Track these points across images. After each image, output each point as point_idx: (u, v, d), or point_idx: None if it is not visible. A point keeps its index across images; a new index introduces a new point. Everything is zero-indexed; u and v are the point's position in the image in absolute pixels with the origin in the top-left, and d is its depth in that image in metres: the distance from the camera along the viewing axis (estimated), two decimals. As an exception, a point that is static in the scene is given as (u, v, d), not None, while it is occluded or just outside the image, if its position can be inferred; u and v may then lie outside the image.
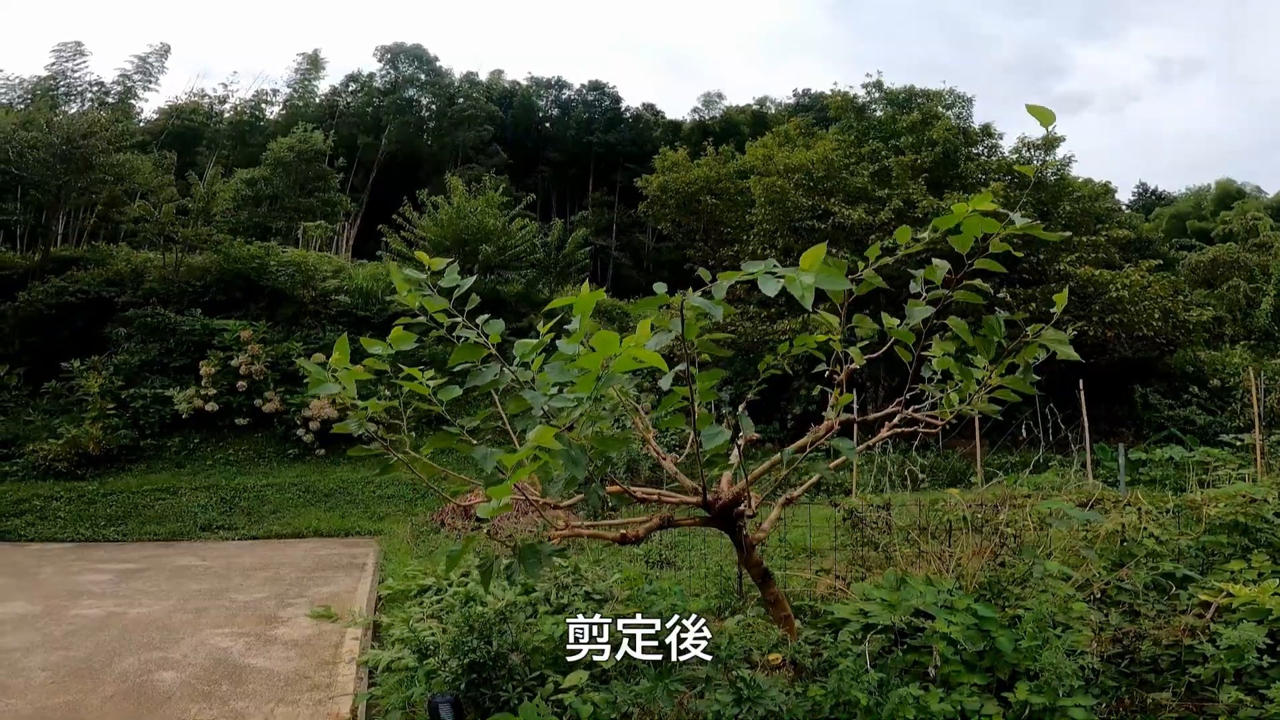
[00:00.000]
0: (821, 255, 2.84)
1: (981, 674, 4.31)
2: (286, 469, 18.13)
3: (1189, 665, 4.75)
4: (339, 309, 20.83)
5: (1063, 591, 4.88)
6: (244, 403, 18.88)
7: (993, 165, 18.44)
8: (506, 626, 4.93)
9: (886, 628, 5.17)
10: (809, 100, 43.51)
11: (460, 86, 43.10)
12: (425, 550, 10.66)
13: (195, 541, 14.09)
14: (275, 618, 8.01)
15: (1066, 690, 4.05)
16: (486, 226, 19.33)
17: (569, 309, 3.41)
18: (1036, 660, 4.23)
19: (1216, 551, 5.90)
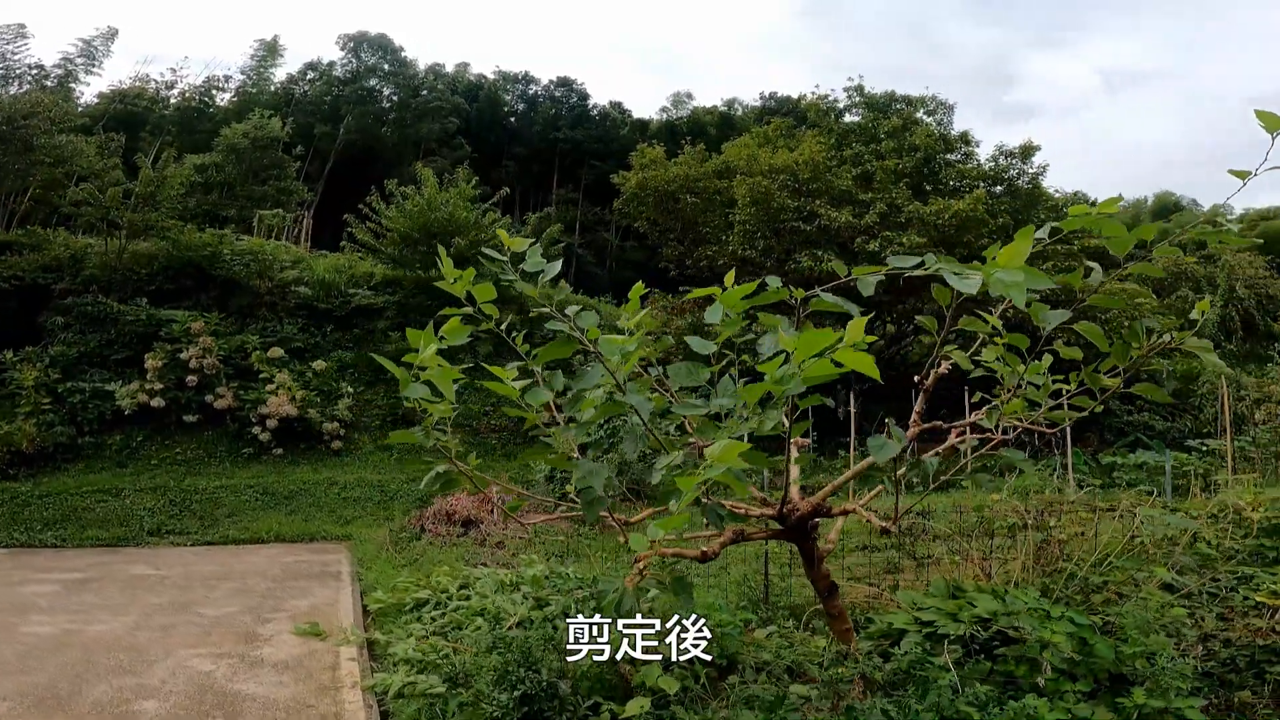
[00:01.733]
0: (1025, 251, 2.49)
1: (1084, 681, 4.09)
2: (241, 469, 17.12)
3: (1264, 665, 4.65)
4: (298, 301, 19.84)
5: (1158, 598, 4.68)
6: (194, 399, 17.76)
7: (970, 171, 18.61)
8: (550, 649, 4.45)
9: (944, 636, 4.90)
10: (775, 103, 43.68)
11: (425, 78, 42.00)
12: (408, 558, 10.05)
13: (144, 547, 13.14)
14: (255, 635, 7.34)
15: (1177, 693, 3.88)
16: (458, 219, 18.64)
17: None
18: (1136, 665, 4.08)
19: (1261, 555, 5.82)
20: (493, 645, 4.54)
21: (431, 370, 3.14)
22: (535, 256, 3.50)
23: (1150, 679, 3.99)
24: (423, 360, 3.08)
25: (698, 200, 19.31)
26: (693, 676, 4.66)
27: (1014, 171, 18.46)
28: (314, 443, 17.75)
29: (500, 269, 3.51)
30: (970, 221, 15.85)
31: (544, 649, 4.35)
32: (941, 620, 5.01)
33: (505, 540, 9.89)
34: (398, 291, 20.36)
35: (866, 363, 2.37)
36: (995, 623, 4.72)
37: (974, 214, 15.87)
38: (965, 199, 16.18)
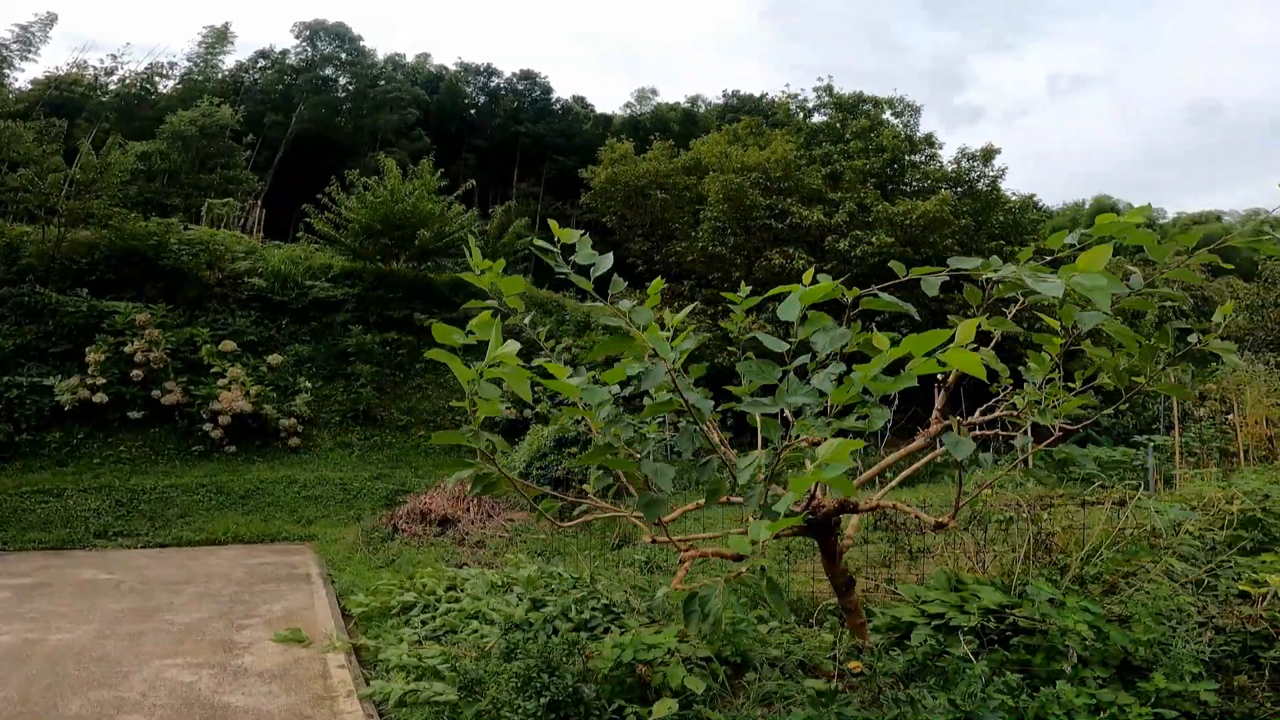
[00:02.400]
0: (1106, 257, 2.50)
1: (1102, 668, 4.20)
2: (192, 468, 16.46)
3: (1256, 650, 4.84)
4: (252, 292, 19.15)
5: (1165, 586, 4.82)
6: (139, 394, 16.99)
7: (934, 173, 19.00)
8: (574, 653, 4.35)
9: (956, 628, 4.98)
10: (739, 101, 43.92)
11: (384, 68, 41.01)
12: (384, 559, 9.77)
13: (92, 550, 12.52)
14: (231, 643, 7.04)
15: (1192, 677, 4.03)
16: (423, 211, 18.21)
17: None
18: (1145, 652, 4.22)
19: (1236, 545, 6.05)
20: (509, 651, 4.41)
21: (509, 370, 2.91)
22: (586, 249, 3.38)
23: (1165, 665, 4.12)
24: (497, 356, 2.87)
25: (667, 196, 19.30)
26: (711, 675, 4.62)
27: (975, 174, 18.93)
28: (270, 440, 17.19)
29: (554, 260, 3.38)
30: (936, 222, 16.20)
31: (567, 653, 4.25)
32: (951, 613, 5.08)
33: (485, 539, 9.70)
34: (358, 284, 19.84)
35: (974, 362, 2.34)
36: (1009, 614, 4.81)
37: (940, 215, 16.22)
38: (931, 200, 16.53)
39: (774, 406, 2.85)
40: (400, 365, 18.86)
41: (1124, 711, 3.88)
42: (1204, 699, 3.99)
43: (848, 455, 2.28)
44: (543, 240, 3.48)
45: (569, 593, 6.34)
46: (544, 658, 4.20)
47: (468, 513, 10.31)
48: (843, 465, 2.26)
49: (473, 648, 5.65)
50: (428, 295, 20.26)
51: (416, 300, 19.87)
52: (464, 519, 10.18)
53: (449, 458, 16.81)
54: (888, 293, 3.33)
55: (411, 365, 18.95)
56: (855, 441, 2.33)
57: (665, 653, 4.42)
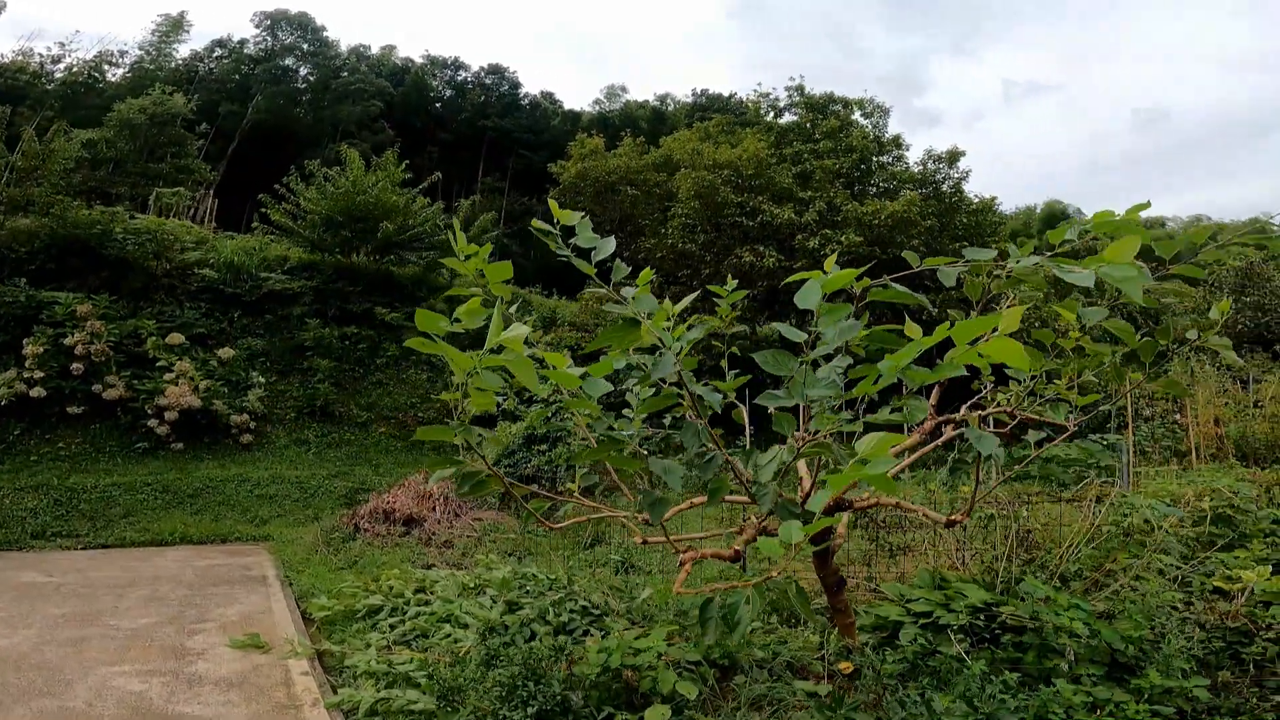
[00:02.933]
0: (1135, 248, 2.41)
1: (1095, 665, 4.18)
2: (136, 466, 15.76)
3: (1236, 646, 4.89)
4: (201, 284, 18.44)
5: (1154, 583, 4.83)
6: (80, 388, 16.21)
7: (901, 174, 19.21)
8: (559, 659, 4.16)
9: (944, 627, 4.94)
10: (707, 100, 44.00)
11: (347, 60, 40.11)
12: (345, 560, 9.42)
13: (29, 552, 11.89)
14: (183, 649, 6.67)
15: (1183, 674, 4.04)
16: (386, 202, 17.73)
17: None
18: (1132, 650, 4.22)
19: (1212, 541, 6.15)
20: (489, 657, 4.20)
21: (509, 354, 2.65)
22: (586, 231, 3.19)
23: (1157, 662, 4.12)
24: (502, 341, 2.60)
25: (637, 192, 19.17)
26: (700, 679, 4.48)
27: (940, 176, 19.19)
28: (220, 436, 16.56)
29: (554, 243, 3.19)
30: (903, 222, 16.36)
31: (553, 659, 4.06)
32: (938, 611, 5.03)
33: (453, 539, 9.42)
34: (316, 276, 19.25)
35: (1016, 353, 2.23)
36: (996, 612, 4.77)
37: (907, 215, 16.38)
38: (899, 200, 16.71)
39: (790, 400, 2.72)
40: (360, 360, 18.35)
41: (1120, 709, 3.86)
42: (1195, 695, 4.00)
43: (889, 450, 2.15)
44: (544, 224, 3.29)
45: (545, 594, 6.14)
46: (528, 665, 4.00)
47: (434, 512, 10.01)
48: (887, 462, 2.12)
49: (447, 653, 5.42)
50: (390, 289, 19.76)
51: (378, 294, 19.36)
52: (430, 518, 9.88)
53: (412, 455, 16.41)
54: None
55: (372, 360, 18.46)
56: (897, 436, 2.20)
57: (654, 656, 4.26)
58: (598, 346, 2.99)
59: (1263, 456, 13.39)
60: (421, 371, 18.66)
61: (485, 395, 2.93)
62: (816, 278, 2.73)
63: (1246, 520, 6.30)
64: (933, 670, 4.44)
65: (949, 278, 2.85)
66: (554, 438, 10.90)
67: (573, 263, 3.22)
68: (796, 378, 2.70)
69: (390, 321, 18.73)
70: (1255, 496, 6.51)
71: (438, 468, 3.21)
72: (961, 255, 4.83)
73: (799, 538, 2.33)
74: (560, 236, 3.56)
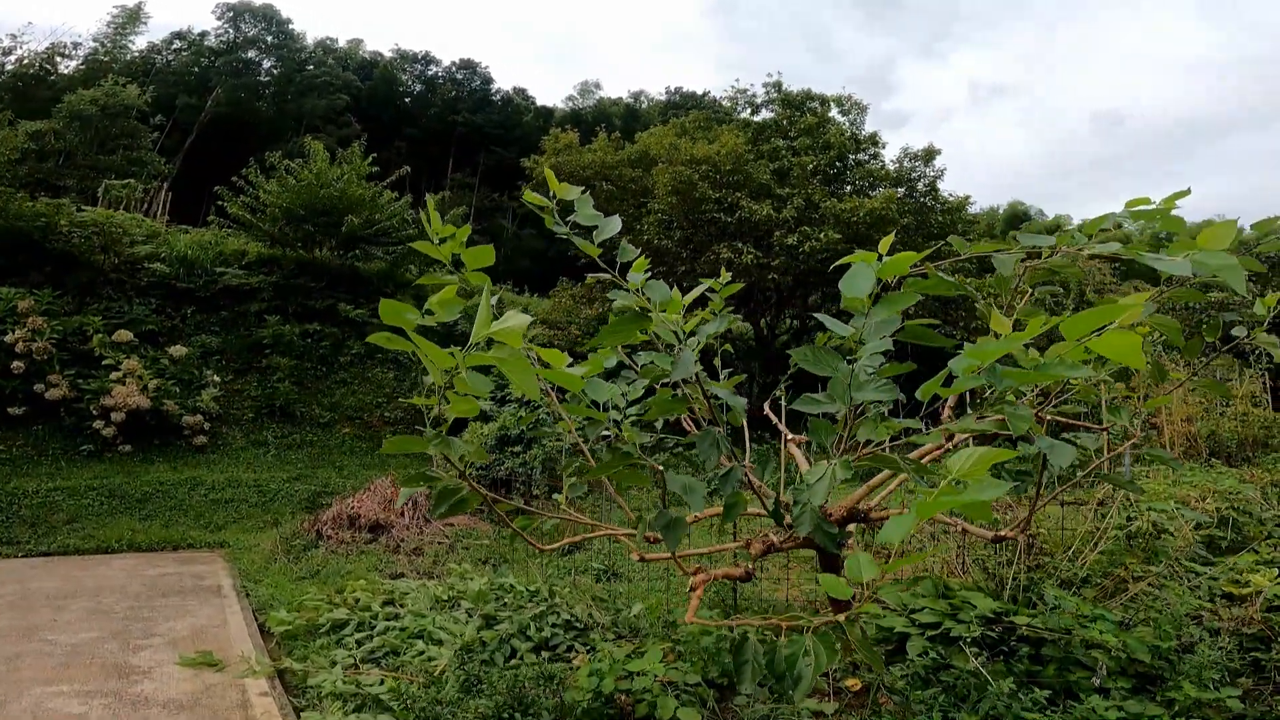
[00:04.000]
0: (1230, 236, 2.11)
1: (1124, 678, 3.93)
2: (80, 469, 14.93)
3: (1251, 651, 4.71)
4: (152, 279, 17.60)
5: (1176, 590, 4.61)
6: (20, 388, 15.33)
7: (878, 172, 19.13)
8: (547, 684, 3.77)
9: (956, 639, 4.66)
10: (681, 98, 43.79)
11: (314, 53, 39.10)
12: (307, 569, 8.88)
13: (-38, 561, 11.11)
14: (128, 667, 6.14)
15: (1214, 684, 3.81)
16: (352, 196, 17.07)
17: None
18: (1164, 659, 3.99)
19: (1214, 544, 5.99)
20: (469, 681, 3.80)
21: (503, 350, 2.14)
22: (587, 208, 2.81)
23: (1188, 673, 3.89)
24: (494, 334, 2.09)
25: (613, 188, 18.81)
26: (699, 701, 4.14)
27: (916, 174, 19.16)
28: (171, 438, 15.79)
29: (550, 217, 2.81)
30: (881, 220, 16.24)
31: (543, 686, 3.67)
32: (947, 622, 4.76)
33: (423, 546, 8.94)
34: (275, 271, 18.49)
35: (1134, 350, 1.91)
36: (1013, 623, 4.50)
37: (885, 212, 16.28)
38: (877, 198, 16.63)
39: (833, 405, 2.38)
40: (322, 358, 17.66)
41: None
42: (1229, 706, 3.77)
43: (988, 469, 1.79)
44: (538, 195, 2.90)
45: (525, 607, 5.74)
46: (513, 692, 3.61)
47: (401, 518, 9.52)
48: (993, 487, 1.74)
49: (420, 672, 4.99)
50: (355, 285, 19.08)
51: (342, 290, 18.67)
52: (398, 524, 9.38)
53: (378, 457, 15.80)
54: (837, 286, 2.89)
55: (335, 359, 17.78)
56: (1004, 451, 1.85)
57: (651, 680, 3.90)
58: (604, 342, 2.62)
59: (1233, 454, 13.50)
60: (388, 370, 18.05)
61: (467, 400, 2.51)
62: (869, 260, 2.38)
63: (1250, 522, 6.15)
64: (945, 685, 4.16)
65: (1006, 265, 2.55)
66: (529, 439, 10.47)
67: (573, 241, 2.84)
68: (841, 378, 2.36)
69: (355, 318, 18.08)
70: (1257, 498, 6.38)
71: (405, 474, 2.80)
72: (937, 254, 4.52)
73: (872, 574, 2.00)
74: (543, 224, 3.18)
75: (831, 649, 2.22)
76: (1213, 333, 3.40)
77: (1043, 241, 2.90)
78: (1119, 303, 1.98)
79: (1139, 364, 1.99)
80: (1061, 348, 2.05)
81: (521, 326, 1.92)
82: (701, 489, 2.57)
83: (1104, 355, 1.93)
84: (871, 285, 2.38)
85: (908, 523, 1.89)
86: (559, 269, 19.63)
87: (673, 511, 2.57)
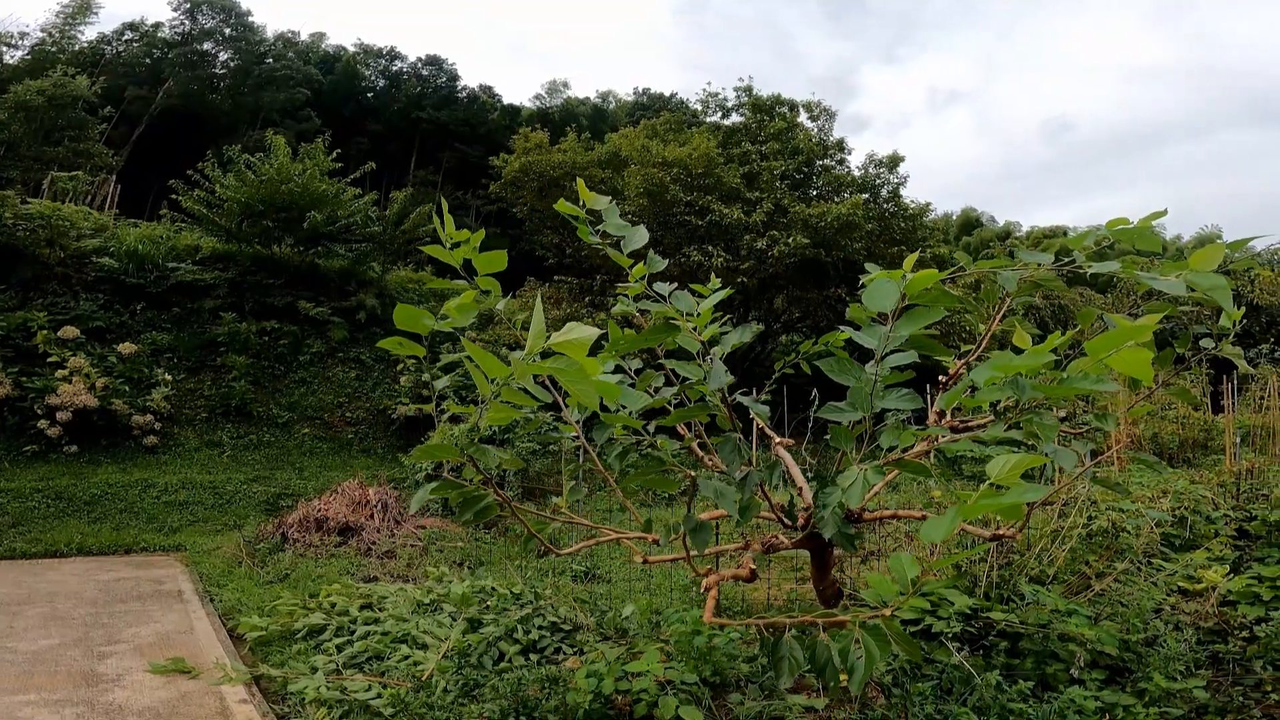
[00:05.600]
0: (1219, 257, 2.27)
1: (1098, 670, 4.14)
2: (25, 471, 14.34)
3: (1209, 644, 4.98)
4: (100, 273, 17.00)
5: (1141, 585, 4.85)
6: (-41, 387, 14.70)
7: (844, 178, 19.50)
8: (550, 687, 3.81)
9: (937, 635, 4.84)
10: (649, 99, 43.90)
11: (274, 46, 38.10)
12: (274, 573, 8.71)
13: (-98, 568, 10.60)
14: (95, 675, 5.96)
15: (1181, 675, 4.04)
16: (314, 191, 16.69)
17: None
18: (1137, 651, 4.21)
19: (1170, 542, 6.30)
20: (468, 686, 3.81)
21: (562, 362, 2.05)
22: (614, 217, 2.86)
23: (1155, 664, 4.11)
24: (556, 345, 2.00)
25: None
26: (695, 700, 4.22)
27: (880, 180, 19.59)
28: (120, 438, 15.27)
29: (583, 228, 2.85)
30: (848, 225, 16.59)
31: (543, 688, 3.71)
32: (927, 619, 4.93)
33: (396, 549, 8.83)
34: (231, 267, 18.00)
35: (1143, 364, 2.04)
36: (991, 618, 4.69)
37: (852, 218, 16.63)
38: (844, 203, 16.96)
39: (856, 413, 2.48)
40: (281, 357, 17.26)
41: (1129, 713, 3.80)
42: (1196, 696, 3.99)
43: (1021, 475, 1.91)
44: (571, 206, 2.94)
45: (510, 610, 5.75)
46: (517, 695, 3.64)
47: (372, 519, 9.38)
48: (1029, 491, 1.86)
49: (407, 677, 4.97)
50: (315, 283, 18.68)
51: (302, 287, 18.25)
52: (368, 526, 9.24)
53: (340, 458, 15.53)
54: (803, 290, 3.00)
55: (294, 357, 17.39)
56: (1036, 458, 1.97)
57: (650, 681, 3.97)
58: (634, 347, 2.66)
59: (1174, 455, 14.15)
60: (349, 369, 17.73)
61: (506, 410, 2.53)
62: (894, 277, 2.50)
63: (1199, 521, 6.49)
64: (930, 679, 4.32)
65: (1010, 282, 2.69)
66: (502, 440, 10.42)
67: (605, 251, 2.89)
68: (863, 387, 2.47)
69: (315, 316, 17.71)
70: (1210, 497, 6.73)
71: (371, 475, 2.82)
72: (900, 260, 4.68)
73: (915, 573, 2.10)
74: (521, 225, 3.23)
75: (884, 642, 2.32)
76: (1183, 344, 3.61)
77: (1043, 259, 3.05)
78: (1138, 323, 2.12)
79: (1148, 378, 2.13)
80: (1084, 363, 2.18)
81: (589, 339, 1.93)
82: (733, 494, 2.65)
83: (1120, 370, 2.07)
84: (896, 300, 2.49)
85: (949, 523, 2.00)
86: (525, 269, 19.57)
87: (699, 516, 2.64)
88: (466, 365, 2.28)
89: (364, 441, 16.27)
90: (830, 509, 2.51)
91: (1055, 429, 2.52)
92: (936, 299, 2.91)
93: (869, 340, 2.66)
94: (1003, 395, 2.31)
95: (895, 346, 2.58)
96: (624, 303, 3.87)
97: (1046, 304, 28.62)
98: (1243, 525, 6.56)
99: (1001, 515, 2.02)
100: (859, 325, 3.08)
